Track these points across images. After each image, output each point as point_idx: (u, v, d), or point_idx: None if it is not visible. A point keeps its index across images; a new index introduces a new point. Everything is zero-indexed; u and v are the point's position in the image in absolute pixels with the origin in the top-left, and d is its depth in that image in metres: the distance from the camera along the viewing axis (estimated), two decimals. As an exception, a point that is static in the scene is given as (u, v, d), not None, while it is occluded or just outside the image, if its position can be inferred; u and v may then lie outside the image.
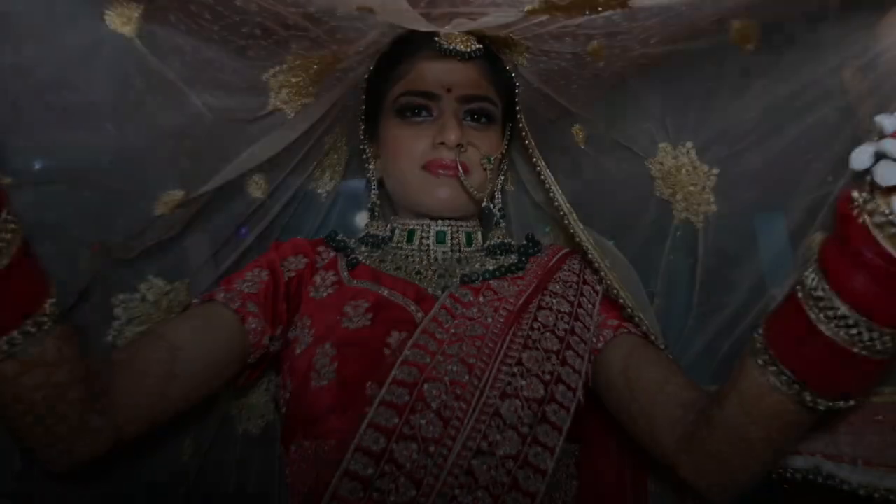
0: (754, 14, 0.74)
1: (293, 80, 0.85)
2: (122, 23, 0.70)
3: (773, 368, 0.65)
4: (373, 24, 0.84)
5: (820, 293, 0.61)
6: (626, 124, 0.95)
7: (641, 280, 1.02)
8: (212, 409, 1.02)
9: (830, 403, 0.64)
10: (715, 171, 0.88)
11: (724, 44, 0.78)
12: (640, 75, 0.89)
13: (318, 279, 1.01)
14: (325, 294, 0.99)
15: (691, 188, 0.91)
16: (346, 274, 1.02)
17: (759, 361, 0.67)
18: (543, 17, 0.81)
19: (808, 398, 0.64)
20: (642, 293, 1.00)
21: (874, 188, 0.57)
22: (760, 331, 0.68)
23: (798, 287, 0.64)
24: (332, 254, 1.06)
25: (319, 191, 1.17)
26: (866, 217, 0.57)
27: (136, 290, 0.88)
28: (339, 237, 1.09)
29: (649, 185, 0.96)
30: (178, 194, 0.83)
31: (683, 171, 0.91)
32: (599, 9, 0.77)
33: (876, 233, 0.56)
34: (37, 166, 0.69)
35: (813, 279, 0.62)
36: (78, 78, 0.69)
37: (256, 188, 0.98)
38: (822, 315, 0.61)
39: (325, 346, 0.90)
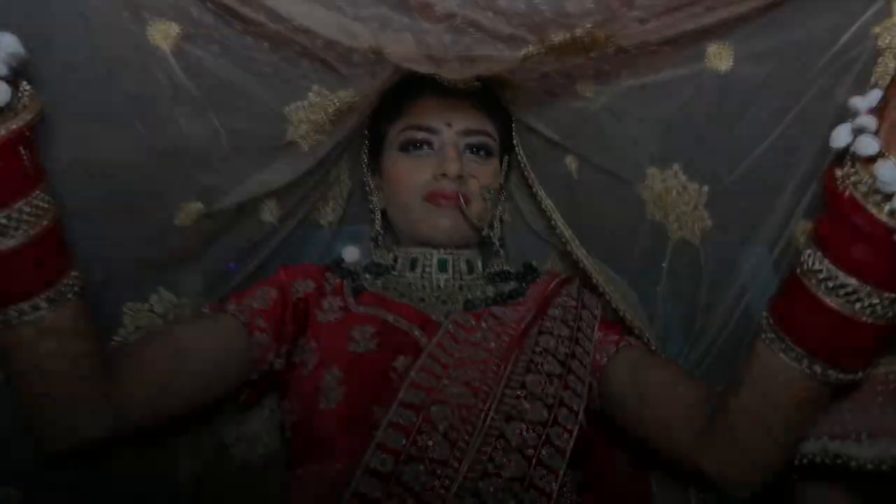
0: (730, 37, 0.81)
1: (313, 117, 0.89)
2: (161, 38, 0.76)
3: (783, 345, 0.68)
4: (385, 66, 0.90)
5: (818, 267, 0.65)
6: (614, 152, 0.99)
7: (640, 303, 1.04)
8: (208, 432, 1.01)
9: (841, 375, 0.66)
10: (706, 188, 0.91)
11: (701, 70, 0.84)
12: (625, 104, 0.94)
13: (325, 304, 1.02)
14: (332, 319, 0.99)
15: (683, 208, 0.94)
16: (352, 300, 1.03)
17: (768, 341, 0.69)
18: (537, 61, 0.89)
19: (819, 371, 0.66)
20: (642, 315, 1.03)
21: (856, 161, 0.63)
22: (767, 312, 0.71)
23: (797, 266, 0.68)
24: (338, 280, 1.07)
25: (322, 222, 1.19)
26: (852, 189, 0.63)
27: (146, 300, 0.89)
28: (344, 265, 1.11)
29: (640, 209, 0.99)
30: (198, 206, 0.87)
31: (674, 192, 0.94)
32: (591, 54, 0.85)
33: (862, 202, 0.62)
34: (67, 157, 0.73)
35: (810, 255, 0.67)
36: (118, 79, 0.74)
37: (269, 213, 1.01)
38: (822, 286, 0.65)
39: (333, 369, 0.91)
